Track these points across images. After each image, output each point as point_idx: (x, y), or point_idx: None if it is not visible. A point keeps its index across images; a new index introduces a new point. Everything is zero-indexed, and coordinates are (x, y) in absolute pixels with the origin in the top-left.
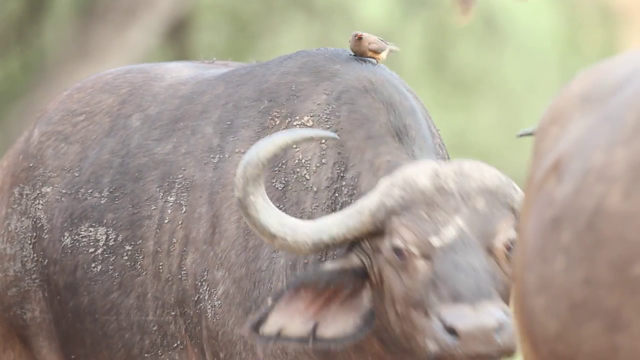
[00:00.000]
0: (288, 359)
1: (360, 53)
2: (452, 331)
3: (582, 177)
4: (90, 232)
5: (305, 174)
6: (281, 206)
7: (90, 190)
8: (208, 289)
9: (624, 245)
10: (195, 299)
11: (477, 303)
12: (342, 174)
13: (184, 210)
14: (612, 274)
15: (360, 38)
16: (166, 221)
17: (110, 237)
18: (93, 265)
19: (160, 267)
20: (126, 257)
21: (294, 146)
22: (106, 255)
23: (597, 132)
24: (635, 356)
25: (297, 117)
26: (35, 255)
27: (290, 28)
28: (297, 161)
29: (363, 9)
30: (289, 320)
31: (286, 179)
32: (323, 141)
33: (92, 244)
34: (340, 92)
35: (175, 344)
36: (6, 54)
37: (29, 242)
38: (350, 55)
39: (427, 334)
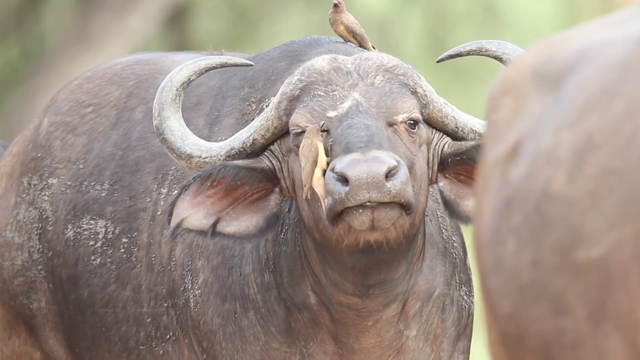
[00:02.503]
0: (260, 344)
1: (333, 24)
2: (343, 180)
3: (532, 159)
4: (91, 224)
5: None
6: None
7: (93, 183)
8: (191, 278)
9: (567, 229)
10: (182, 289)
11: (366, 151)
12: None
13: None
14: (557, 257)
15: (336, 5)
16: (159, 213)
17: (109, 229)
18: (92, 258)
19: (153, 258)
20: (123, 250)
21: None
22: (105, 248)
23: (550, 115)
24: (579, 340)
25: (267, 100)
26: (40, 246)
27: (290, 15)
28: None
29: None
30: (193, 212)
31: None
32: None
33: (92, 236)
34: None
35: (168, 336)
36: (5, 41)
37: (35, 232)
38: (333, 41)
39: (324, 193)
